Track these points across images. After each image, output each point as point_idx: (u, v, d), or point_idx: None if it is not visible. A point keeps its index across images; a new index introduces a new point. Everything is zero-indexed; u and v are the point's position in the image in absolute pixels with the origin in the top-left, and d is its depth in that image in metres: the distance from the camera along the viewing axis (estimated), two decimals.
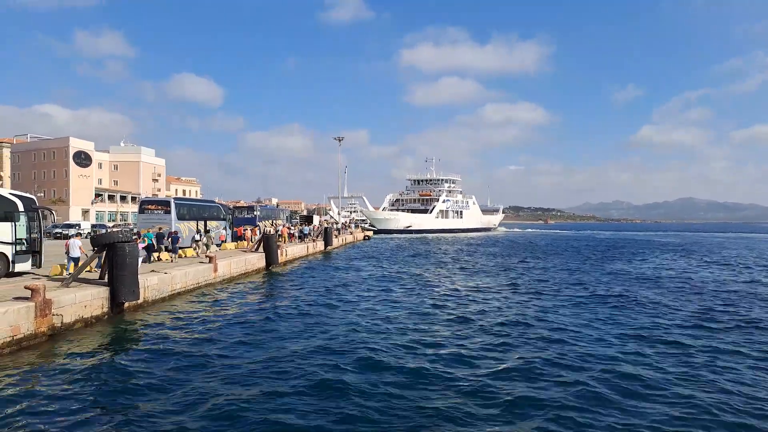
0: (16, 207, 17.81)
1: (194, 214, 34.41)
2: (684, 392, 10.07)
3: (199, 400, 9.44)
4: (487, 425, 8.52)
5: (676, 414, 8.99)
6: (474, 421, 8.63)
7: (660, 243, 76.09)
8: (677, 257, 47.42)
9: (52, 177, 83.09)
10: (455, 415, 8.84)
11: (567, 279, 28.86)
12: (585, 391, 9.99)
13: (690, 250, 59.26)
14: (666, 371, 11.43)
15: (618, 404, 9.41)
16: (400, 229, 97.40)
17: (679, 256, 48.29)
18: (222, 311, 18.16)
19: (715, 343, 14.07)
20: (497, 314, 18.03)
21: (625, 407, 9.27)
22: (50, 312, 13.63)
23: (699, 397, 9.81)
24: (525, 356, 12.55)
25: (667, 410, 9.15)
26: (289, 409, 9.05)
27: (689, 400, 9.62)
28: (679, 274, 31.99)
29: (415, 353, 12.84)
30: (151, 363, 11.80)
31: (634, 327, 16.08)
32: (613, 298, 21.85)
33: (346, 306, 19.65)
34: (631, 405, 9.38)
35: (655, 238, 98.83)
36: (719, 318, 17.60)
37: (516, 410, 9.11)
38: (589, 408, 9.21)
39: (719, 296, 22.62)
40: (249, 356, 12.40)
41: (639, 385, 10.50)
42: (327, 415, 8.85)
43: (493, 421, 8.69)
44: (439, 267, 36.14)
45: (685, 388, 10.35)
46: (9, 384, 10.04)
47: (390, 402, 9.47)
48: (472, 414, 8.92)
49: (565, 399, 9.59)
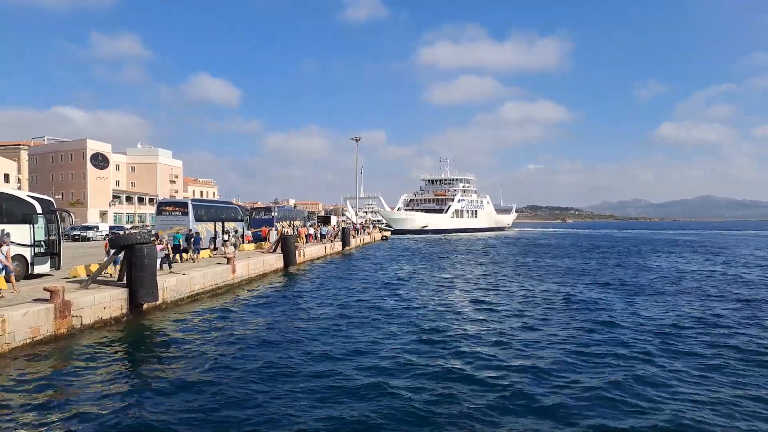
0: (34, 209, 17.73)
1: (212, 215, 34.36)
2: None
3: (218, 402, 9.19)
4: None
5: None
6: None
7: (684, 241, 74.78)
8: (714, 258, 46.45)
9: (69, 179, 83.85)
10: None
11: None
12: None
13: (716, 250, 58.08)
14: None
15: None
16: (416, 229, 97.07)
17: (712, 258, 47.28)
18: (241, 312, 17.91)
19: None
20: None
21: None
22: (69, 313, 13.51)
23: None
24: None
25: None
26: (308, 410, 8.73)
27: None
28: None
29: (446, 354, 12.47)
30: (170, 365, 11.57)
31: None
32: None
33: (368, 307, 19.31)
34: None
35: (675, 236, 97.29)
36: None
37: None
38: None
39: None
40: (270, 358, 12.08)
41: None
42: (354, 418, 8.51)
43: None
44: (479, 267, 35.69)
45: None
46: (29, 385, 9.87)
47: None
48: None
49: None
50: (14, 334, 11.80)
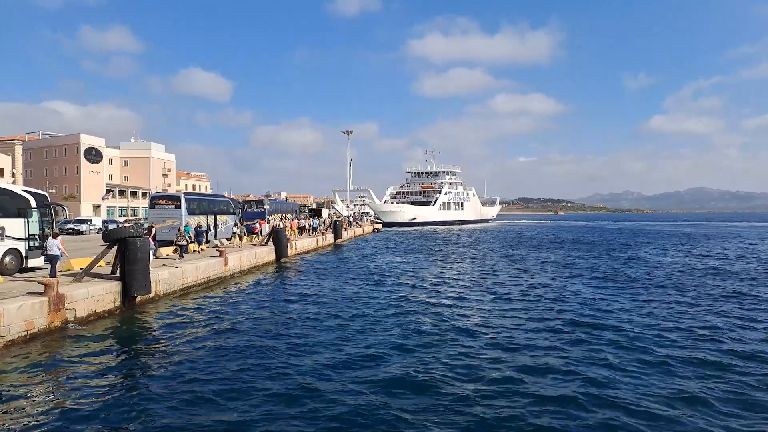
0: (28, 203, 17.99)
1: (204, 208, 34.63)
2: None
3: (211, 393, 9.45)
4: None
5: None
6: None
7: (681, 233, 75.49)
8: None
9: (63, 173, 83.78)
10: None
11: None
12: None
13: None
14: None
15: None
16: (405, 221, 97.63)
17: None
18: (232, 305, 18.22)
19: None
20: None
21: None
22: (63, 306, 13.77)
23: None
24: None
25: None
26: (300, 402, 9.06)
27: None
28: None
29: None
30: (162, 357, 11.85)
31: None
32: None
33: (364, 293, 19.71)
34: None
35: (669, 228, 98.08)
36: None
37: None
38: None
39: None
40: (261, 350, 12.37)
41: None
42: (352, 406, 8.89)
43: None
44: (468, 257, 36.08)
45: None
46: (22, 379, 10.12)
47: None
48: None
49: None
50: (9, 328, 12.04)
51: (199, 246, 27.65)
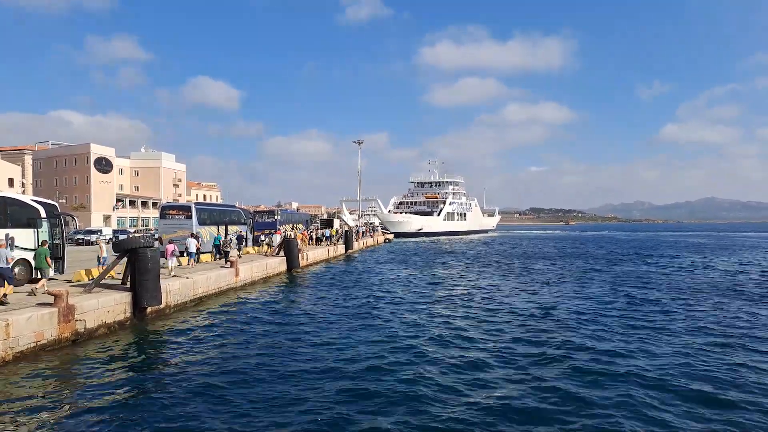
0: (38, 213, 17.80)
1: (215, 218, 34.44)
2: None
3: (222, 404, 9.21)
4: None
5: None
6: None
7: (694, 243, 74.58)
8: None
9: (73, 183, 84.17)
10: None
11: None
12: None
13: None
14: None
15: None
16: (412, 231, 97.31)
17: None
18: (243, 316, 17.89)
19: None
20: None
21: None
22: (73, 317, 13.49)
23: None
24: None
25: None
26: (312, 412, 8.71)
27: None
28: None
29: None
30: (173, 369, 11.58)
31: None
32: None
33: (374, 308, 19.28)
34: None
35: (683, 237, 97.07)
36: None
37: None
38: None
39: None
40: (272, 360, 12.10)
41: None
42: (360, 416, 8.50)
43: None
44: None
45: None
46: (33, 390, 9.88)
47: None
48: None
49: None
50: (18, 339, 11.78)
51: (238, 252, 29.10)
